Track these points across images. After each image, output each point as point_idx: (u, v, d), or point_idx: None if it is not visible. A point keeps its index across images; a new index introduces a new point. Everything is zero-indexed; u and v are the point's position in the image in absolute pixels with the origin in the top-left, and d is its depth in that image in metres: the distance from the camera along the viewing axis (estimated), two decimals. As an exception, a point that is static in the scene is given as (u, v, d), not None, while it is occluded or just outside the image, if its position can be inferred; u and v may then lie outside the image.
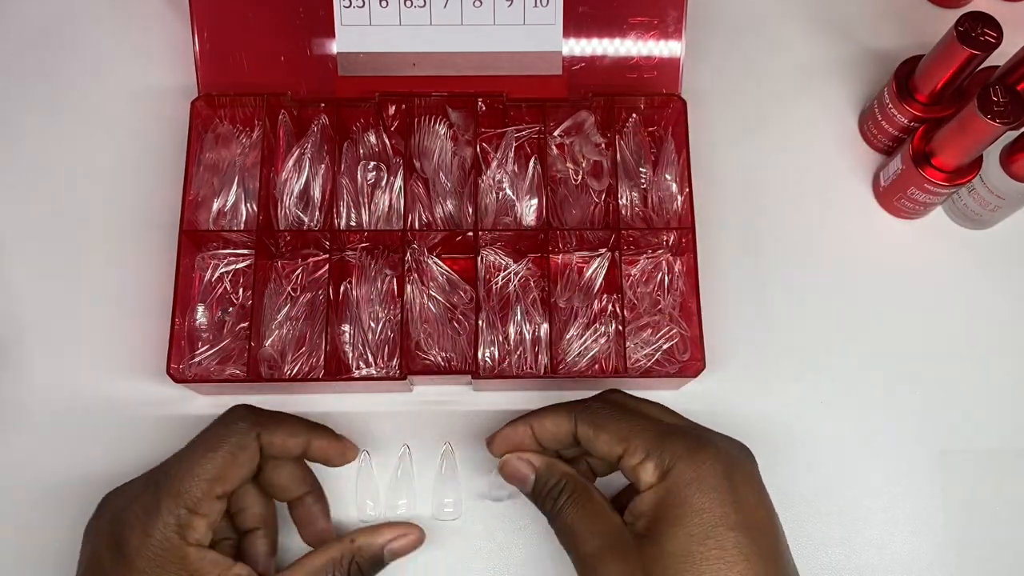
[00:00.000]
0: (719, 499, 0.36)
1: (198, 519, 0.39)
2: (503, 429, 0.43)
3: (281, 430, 0.42)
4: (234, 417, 0.41)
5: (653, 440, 0.38)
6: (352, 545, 0.42)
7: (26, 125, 0.55)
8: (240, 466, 0.40)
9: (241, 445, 0.40)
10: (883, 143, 0.55)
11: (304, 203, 0.51)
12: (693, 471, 0.37)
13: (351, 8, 0.50)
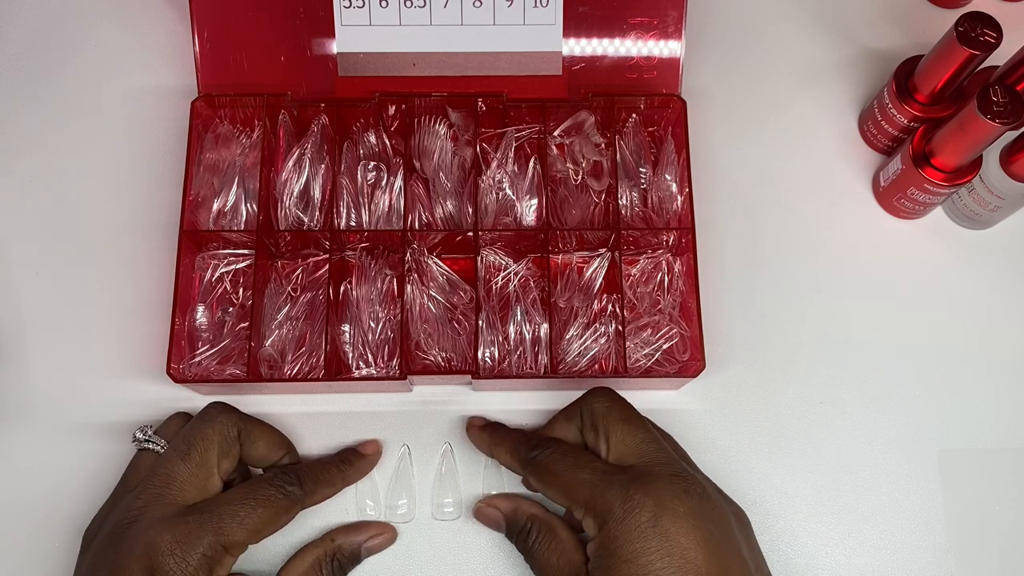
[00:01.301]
0: (644, 548, 0.37)
1: (228, 558, 0.41)
2: (483, 434, 0.47)
3: (323, 487, 0.45)
4: (286, 481, 0.43)
5: (591, 493, 0.40)
6: (332, 544, 0.45)
7: (26, 125, 0.55)
8: (279, 526, 0.42)
9: (287, 510, 0.42)
10: (883, 143, 0.55)
11: (304, 203, 0.51)
12: (621, 524, 0.38)
13: (351, 8, 0.50)
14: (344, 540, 0.45)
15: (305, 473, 0.44)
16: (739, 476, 0.49)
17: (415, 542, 0.47)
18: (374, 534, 0.46)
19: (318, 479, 0.44)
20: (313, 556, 0.44)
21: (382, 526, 0.47)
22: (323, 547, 0.45)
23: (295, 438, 0.49)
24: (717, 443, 0.50)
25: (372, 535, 0.46)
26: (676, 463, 0.41)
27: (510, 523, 0.45)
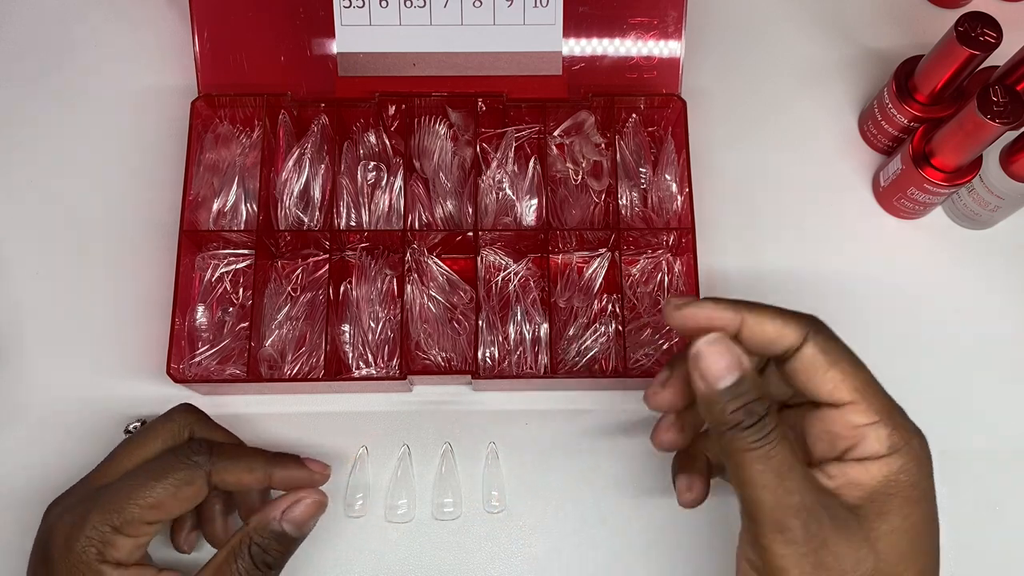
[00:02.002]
0: (932, 491, 0.33)
1: (123, 539, 0.38)
2: (701, 303, 0.34)
3: (238, 466, 0.40)
4: (191, 451, 0.40)
5: (887, 404, 0.33)
6: (246, 528, 0.39)
7: (26, 125, 0.55)
8: (182, 500, 0.39)
9: (188, 480, 0.39)
10: (883, 143, 0.55)
11: (304, 203, 0.51)
12: (923, 453, 0.33)
13: (351, 8, 0.50)
14: (256, 520, 0.39)
15: (219, 447, 0.40)
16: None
17: (415, 542, 0.47)
18: (289, 504, 0.40)
19: (234, 456, 0.40)
20: (227, 548, 0.39)
21: (300, 493, 0.40)
22: (238, 535, 0.39)
23: (295, 438, 0.49)
24: (717, 443, 0.50)
25: (287, 506, 0.40)
26: None
27: (742, 389, 0.32)
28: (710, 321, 0.34)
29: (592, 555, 0.47)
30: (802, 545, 0.31)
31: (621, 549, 0.48)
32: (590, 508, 0.48)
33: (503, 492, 0.48)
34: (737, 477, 0.32)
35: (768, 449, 0.31)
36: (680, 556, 0.48)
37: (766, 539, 0.31)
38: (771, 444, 0.31)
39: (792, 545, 0.31)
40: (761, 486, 0.31)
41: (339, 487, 0.48)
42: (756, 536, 0.31)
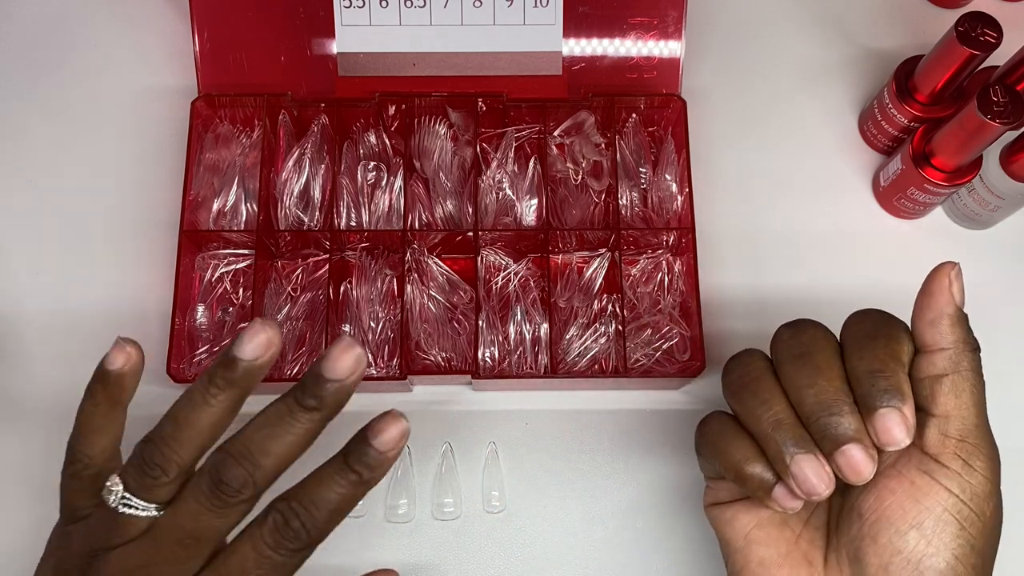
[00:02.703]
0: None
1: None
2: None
3: None
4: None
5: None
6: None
7: (26, 125, 0.55)
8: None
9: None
10: (883, 143, 0.55)
11: (304, 203, 0.51)
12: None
13: (351, 8, 0.50)
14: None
15: None
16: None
17: (415, 542, 0.47)
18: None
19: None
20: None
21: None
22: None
23: (295, 438, 0.49)
24: (717, 443, 0.50)
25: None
26: None
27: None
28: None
29: (592, 555, 0.47)
30: (998, 475, 0.34)
31: (621, 549, 0.48)
32: (590, 508, 0.48)
33: (503, 492, 0.48)
34: (964, 398, 0.34)
35: (983, 382, 0.35)
36: (681, 556, 0.48)
37: (980, 462, 0.33)
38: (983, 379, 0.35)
39: (996, 473, 0.34)
40: (983, 414, 0.34)
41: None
42: (969, 457, 0.33)
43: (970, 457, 0.33)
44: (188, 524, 0.32)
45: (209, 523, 0.32)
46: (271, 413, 0.32)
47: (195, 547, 0.32)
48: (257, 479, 0.32)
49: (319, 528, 0.32)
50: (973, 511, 0.33)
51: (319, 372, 0.31)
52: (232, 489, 0.31)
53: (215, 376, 0.32)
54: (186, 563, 0.32)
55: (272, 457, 0.32)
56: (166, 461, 0.32)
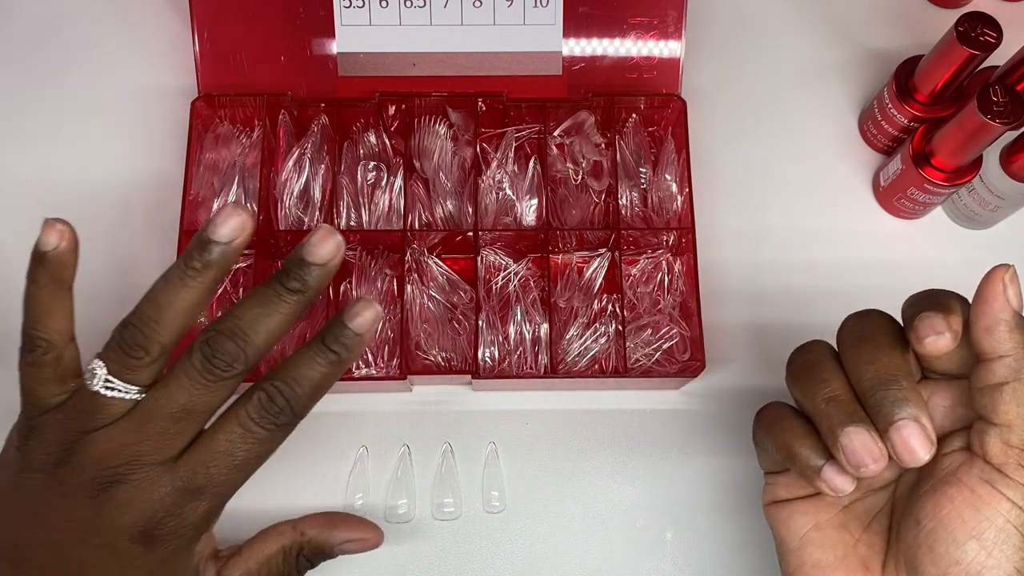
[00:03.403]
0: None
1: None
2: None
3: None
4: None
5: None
6: (303, 537, 0.41)
7: (26, 125, 0.55)
8: None
9: None
10: (883, 143, 0.55)
11: (304, 203, 0.51)
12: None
13: (351, 8, 0.50)
14: (317, 535, 0.41)
15: None
16: (739, 476, 0.49)
17: (415, 542, 0.47)
18: (354, 539, 0.42)
19: None
20: (278, 545, 0.40)
21: (366, 529, 0.43)
22: (292, 537, 0.41)
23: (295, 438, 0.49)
24: (717, 443, 0.50)
25: (351, 539, 0.42)
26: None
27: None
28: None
29: (592, 555, 0.47)
30: None
31: (621, 549, 0.48)
32: (590, 508, 0.48)
33: (503, 492, 0.48)
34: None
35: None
36: (681, 556, 0.48)
37: None
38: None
39: None
40: None
41: (339, 487, 0.48)
42: None
43: None
44: (181, 398, 0.33)
45: (201, 397, 0.33)
46: (258, 296, 0.34)
47: (185, 422, 0.34)
48: (248, 354, 0.33)
49: (302, 403, 0.35)
50: None
51: (302, 256, 0.33)
52: (224, 363, 0.33)
53: (191, 259, 0.34)
54: (175, 439, 0.34)
55: (261, 334, 0.33)
56: (148, 341, 0.34)
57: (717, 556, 0.48)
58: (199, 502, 0.34)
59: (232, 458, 0.34)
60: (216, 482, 0.34)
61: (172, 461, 0.34)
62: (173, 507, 0.34)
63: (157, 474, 0.33)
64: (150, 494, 0.33)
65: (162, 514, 0.34)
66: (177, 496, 0.34)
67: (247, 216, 0.33)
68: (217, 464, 0.34)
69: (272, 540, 0.40)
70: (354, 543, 0.42)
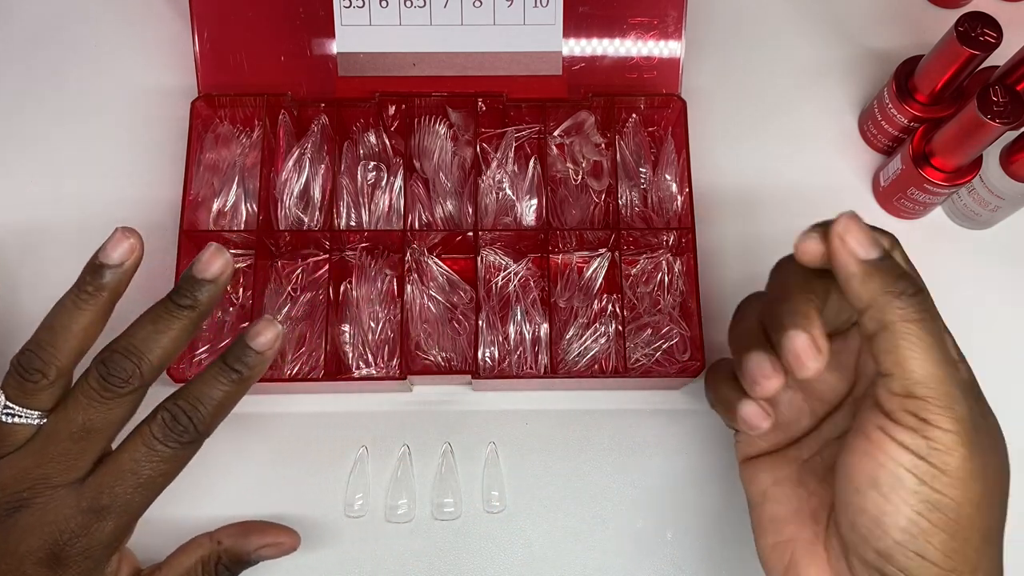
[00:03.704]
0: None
1: None
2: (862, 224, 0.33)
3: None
4: None
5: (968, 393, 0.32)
6: (219, 547, 0.41)
7: (26, 125, 0.55)
8: None
9: None
10: (883, 143, 0.55)
11: (304, 203, 0.51)
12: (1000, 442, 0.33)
13: (351, 8, 0.50)
14: (232, 544, 0.41)
15: None
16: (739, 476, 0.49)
17: (415, 542, 0.47)
18: (269, 543, 0.42)
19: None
20: (196, 556, 0.40)
21: (281, 532, 0.42)
22: (209, 547, 0.41)
23: (295, 438, 0.49)
24: (717, 443, 0.50)
25: (266, 544, 0.42)
26: None
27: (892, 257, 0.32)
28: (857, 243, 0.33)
29: (592, 555, 0.47)
30: (967, 422, 0.31)
31: (621, 549, 0.48)
32: (590, 508, 0.48)
33: (503, 492, 0.48)
34: (902, 350, 0.31)
35: (933, 322, 0.31)
36: (681, 556, 0.48)
37: (933, 415, 0.31)
38: (935, 318, 0.32)
39: (960, 422, 0.31)
40: (930, 357, 0.31)
41: (339, 487, 0.48)
42: (919, 412, 0.31)
43: (922, 411, 0.31)
44: (79, 417, 0.34)
45: (99, 415, 0.34)
46: (152, 314, 0.35)
47: (86, 441, 0.34)
48: (143, 370, 0.34)
49: (205, 422, 0.35)
50: (934, 465, 0.31)
51: (192, 275, 0.35)
52: (120, 380, 0.34)
53: (84, 283, 0.36)
54: (78, 459, 0.34)
55: (155, 351, 0.35)
56: (45, 365, 0.34)
57: (717, 556, 0.48)
58: (105, 522, 0.34)
59: (137, 477, 0.34)
60: (121, 501, 0.34)
61: (78, 483, 0.34)
62: (79, 528, 0.34)
63: (61, 496, 0.34)
64: (55, 516, 0.34)
65: (67, 536, 0.34)
66: (82, 517, 0.34)
67: (135, 240, 0.36)
68: (122, 483, 0.34)
69: (190, 552, 0.41)
70: (270, 548, 0.42)
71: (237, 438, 0.49)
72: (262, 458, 0.48)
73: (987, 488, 0.31)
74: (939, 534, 0.30)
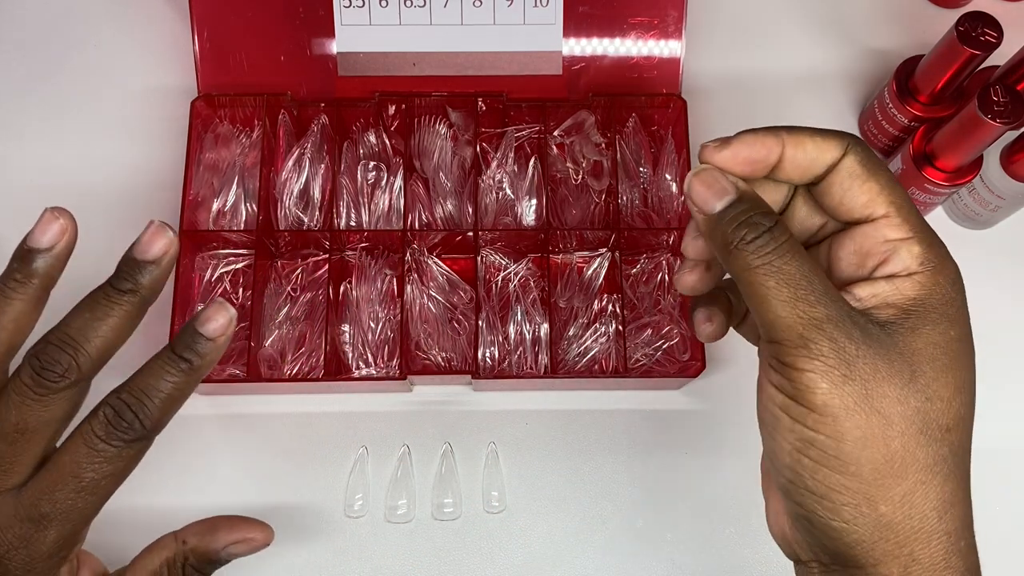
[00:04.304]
0: (966, 315, 0.31)
1: None
2: (740, 137, 0.34)
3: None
4: None
5: (922, 223, 0.31)
6: (184, 547, 0.37)
7: (26, 125, 0.55)
8: None
9: None
10: (883, 143, 0.55)
11: (304, 203, 0.51)
12: (957, 276, 0.31)
13: (351, 8, 0.50)
14: (199, 543, 0.37)
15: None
16: (739, 476, 0.49)
17: (415, 542, 0.47)
18: (238, 539, 0.38)
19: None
20: (161, 558, 0.37)
21: (252, 527, 0.38)
22: (174, 548, 0.37)
23: (295, 438, 0.49)
24: (717, 443, 0.50)
25: (235, 540, 0.38)
26: None
27: (744, 205, 0.31)
28: (752, 151, 0.34)
29: (592, 555, 0.47)
30: (830, 358, 0.29)
31: (621, 549, 0.48)
32: (590, 508, 0.48)
33: (503, 492, 0.48)
34: (753, 299, 0.30)
35: (780, 262, 0.30)
36: (681, 556, 0.48)
37: (790, 356, 0.30)
38: (783, 257, 0.30)
39: (818, 359, 0.29)
40: (778, 301, 0.30)
41: (339, 487, 0.48)
42: (779, 355, 0.30)
43: (780, 354, 0.30)
44: (12, 416, 0.31)
45: (34, 413, 0.31)
46: (88, 301, 0.32)
47: (22, 441, 0.31)
48: (80, 363, 0.31)
49: (153, 417, 0.32)
50: (802, 404, 0.30)
51: (132, 256, 0.32)
52: (55, 374, 0.31)
53: (12, 271, 0.32)
54: (14, 463, 0.31)
55: (93, 340, 0.31)
56: None
57: (717, 555, 0.48)
58: (47, 531, 0.31)
59: (79, 480, 0.31)
60: (63, 507, 0.31)
61: (15, 489, 0.31)
62: (17, 540, 0.31)
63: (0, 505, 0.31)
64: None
65: (5, 548, 0.31)
66: (21, 527, 0.31)
67: (67, 220, 0.33)
68: (63, 488, 0.31)
69: (155, 554, 0.37)
70: (239, 545, 0.38)
71: (236, 438, 0.49)
72: (262, 458, 0.48)
73: (871, 421, 0.29)
74: (821, 470, 0.30)
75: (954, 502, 0.30)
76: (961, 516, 0.30)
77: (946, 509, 0.30)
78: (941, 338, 0.30)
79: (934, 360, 0.30)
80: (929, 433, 0.29)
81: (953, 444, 0.30)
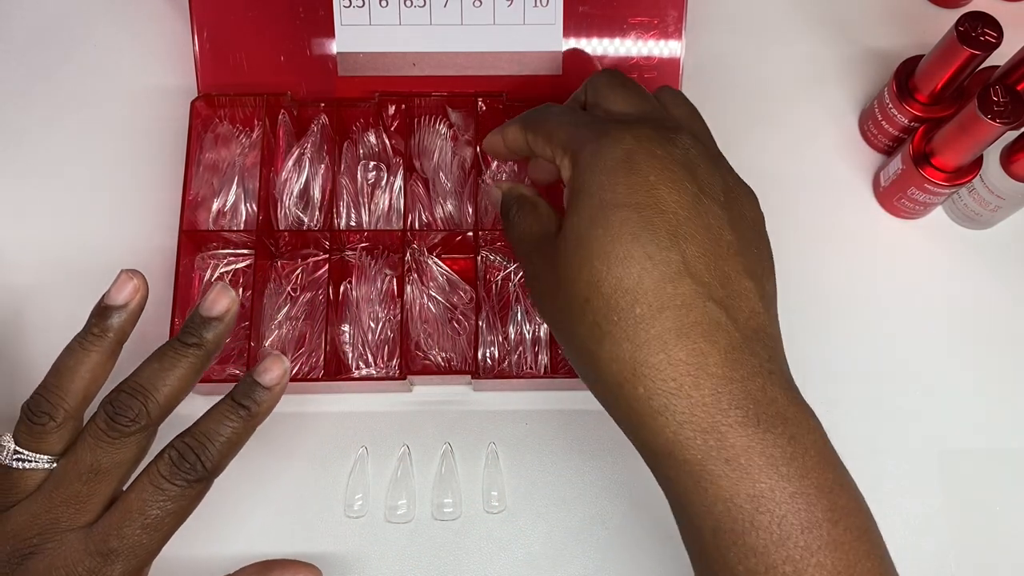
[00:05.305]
0: (610, 181, 0.35)
1: None
2: (490, 135, 0.45)
3: None
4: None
5: (571, 133, 0.38)
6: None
7: (26, 125, 0.55)
8: None
9: None
10: (883, 143, 0.55)
11: (304, 203, 0.51)
12: (593, 157, 0.36)
13: (351, 8, 0.50)
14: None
15: None
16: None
17: (415, 542, 0.47)
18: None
19: None
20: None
21: (299, 570, 0.41)
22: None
23: (295, 438, 0.49)
24: (717, 443, 0.50)
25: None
26: (677, 124, 0.39)
27: (504, 200, 0.43)
28: (492, 145, 0.45)
29: (592, 555, 0.47)
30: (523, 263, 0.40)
31: (621, 549, 0.48)
32: (590, 508, 0.48)
33: (503, 492, 0.48)
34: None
35: (516, 218, 0.41)
36: (681, 556, 0.48)
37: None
38: (519, 216, 0.41)
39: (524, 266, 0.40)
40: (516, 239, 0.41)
41: (339, 487, 0.48)
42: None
43: None
44: (88, 458, 0.34)
45: (107, 455, 0.34)
46: (158, 354, 0.36)
47: (95, 483, 0.34)
48: (150, 409, 0.34)
49: (214, 460, 0.35)
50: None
51: (198, 314, 0.36)
52: (127, 419, 0.34)
53: (90, 326, 0.36)
54: (87, 502, 0.34)
55: (162, 390, 0.35)
56: (53, 408, 0.34)
57: (717, 556, 0.48)
58: (114, 565, 0.33)
59: (144, 517, 0.33)
60: (130, 543, 0.33)
61: (87, 526, 0.34)
62: (87, 573, 0.33)
63: (71, 540, 0.33)
64: (64, 561, 0.33)
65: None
66: (90, 561, 0.33)
67: (139, 281, 0.37)
68: (130, 525, 0.33)
69: None
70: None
71: (237, 438, 0.49)
72: (261, 458, 0.48)
73: (581, 255, 0.35)
74: (541, 300, 0.38)
75: None
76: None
77: None
78: (571, 230, 0.36)
79: (566, 253, 0.36)
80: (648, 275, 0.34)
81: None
